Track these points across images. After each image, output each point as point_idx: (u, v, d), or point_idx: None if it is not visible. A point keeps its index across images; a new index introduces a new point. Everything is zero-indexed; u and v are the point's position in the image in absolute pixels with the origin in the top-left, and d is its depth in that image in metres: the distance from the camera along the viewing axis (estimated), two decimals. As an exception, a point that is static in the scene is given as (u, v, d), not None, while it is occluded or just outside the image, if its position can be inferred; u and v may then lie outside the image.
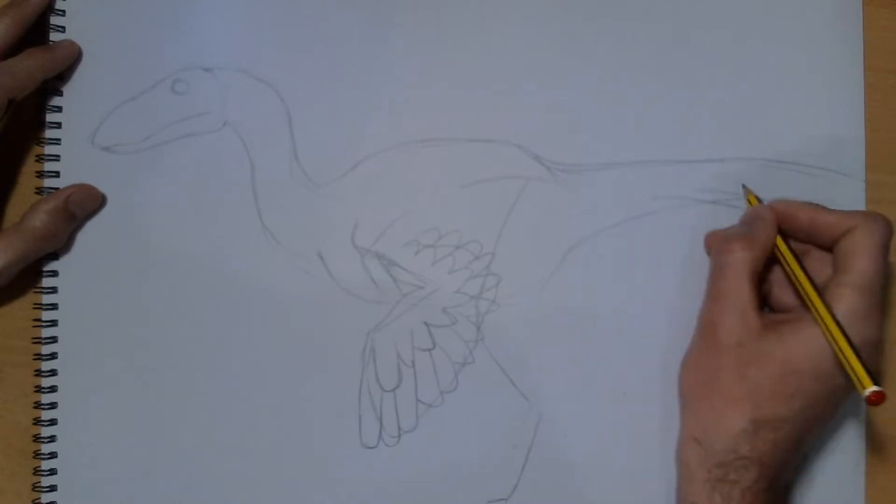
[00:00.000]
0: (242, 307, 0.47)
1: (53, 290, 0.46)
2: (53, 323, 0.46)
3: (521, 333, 0.48)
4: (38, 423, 0.46)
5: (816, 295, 0.42)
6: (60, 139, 0.46)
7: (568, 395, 0.48)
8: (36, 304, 0.46)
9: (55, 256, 0.46)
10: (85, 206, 0.46)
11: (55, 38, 0.46)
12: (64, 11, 0.47)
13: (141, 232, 0.47)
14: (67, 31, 0.47)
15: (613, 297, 0.48)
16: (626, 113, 0.49)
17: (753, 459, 0.41)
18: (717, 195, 0.49)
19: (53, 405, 0.46)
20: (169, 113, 0.47)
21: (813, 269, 0.45)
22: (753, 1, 0.50)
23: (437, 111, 0.49)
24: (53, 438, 0.46)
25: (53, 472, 0.46)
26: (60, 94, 0.47)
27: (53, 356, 0.46)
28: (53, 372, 0.46)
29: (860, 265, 0.42)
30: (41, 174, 0.46)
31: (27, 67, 0.44)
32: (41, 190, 0.46)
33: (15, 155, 0.47)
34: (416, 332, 0.47)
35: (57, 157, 0.46)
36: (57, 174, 0.46)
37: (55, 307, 0.46)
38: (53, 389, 0.46)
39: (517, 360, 0.48)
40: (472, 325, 0.48)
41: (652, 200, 0.49)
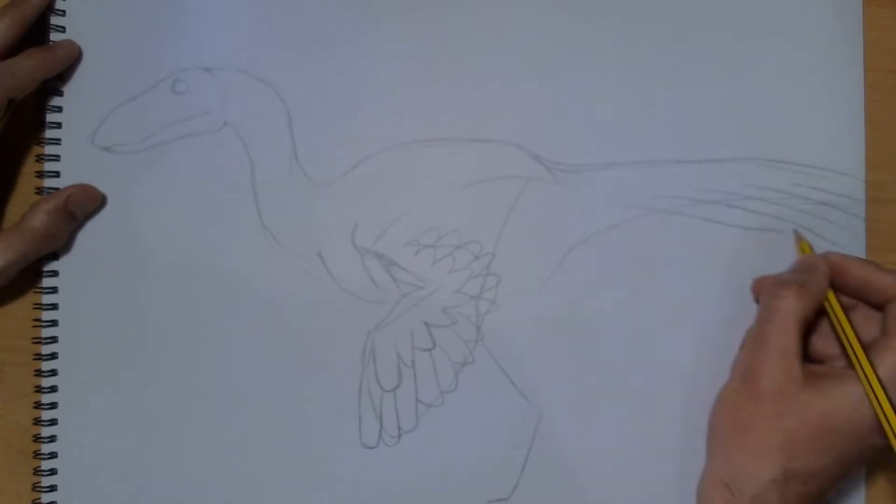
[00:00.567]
0: (242, 307, 0.47)
1: (53, 290, 0.46)
2: (53, 323, 0.46)
3: (521, 333, 0.48)
4: (38, 423, 0.46)
5: (863, 353, 0.42)
6: (60, 139, 0.46)
7: (568, 395, 0.48)
8: (36, 304, 0.46)
9: (55, 256, 0.46)
10: (85, 206, 0.46)
11: (55, 38, 0.46)
12: (64, 11, 0.47)
13: (141, 232, 0.47)
14: (67, 31, 0.46)
15: (613, 296, 0.48)
16: (626, 113, 0.49)
17: None
18: (717, 195, 0.49)
19: (53, 405, 0.46)
20: (169, 113, 0.47)
21: (860, 325, 0.44)
22: (753, 1, 0.50)
23: (437, 111, 0.49)
24: (53, 438, 0.46)
25: (53, 472, 0.46)
26: (60, 94, 0.47)
27: (53, 356, 0.46)
28: (53, 372, 0.46)
29: None
30: (41, 174, 0.46)
31: (27, 67, 0.44)
32: (41, 190, 0.46)
33: (15, 155, 0.47)
34: (416, 332, 0.47)
35: (57, 157, 0.46)
36: (57, 174, 0.46)
37: (55, 307, 0.46)
38: (53, 389, 0.46)
39: (517, 360, 0.48)
40: (472, 325, 0.48)
41: (652, 200, 0.49)
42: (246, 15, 0.48)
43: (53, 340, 0.46)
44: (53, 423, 0.46)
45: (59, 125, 0.46)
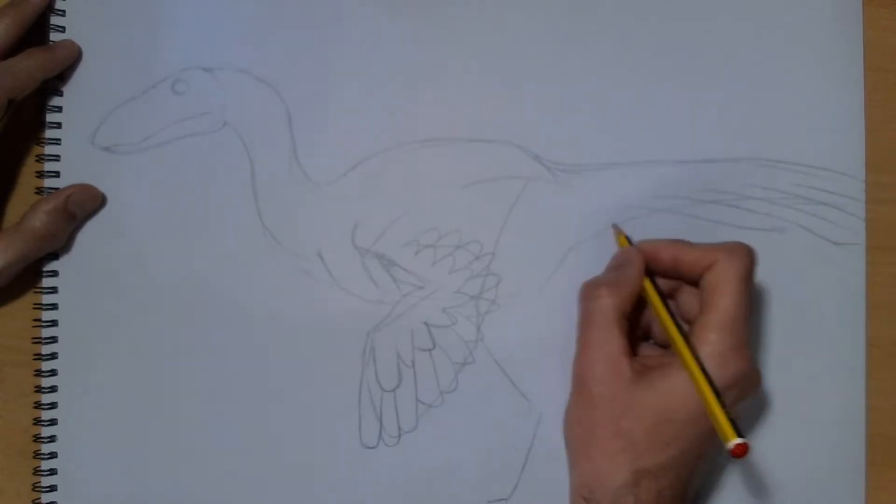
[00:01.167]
0: (242, 307, 0.47)
1: (53, 290, 0.46)
2: (53, 323, 0.46)
3: (521, 333, 0.48)
4: (37, 423, 0.46)
5: (681, 340, 0.42)
6: (60, 139, 0.46)
7: (568, 395, 0.48)
8: (36, 304, 0.46)
9: (55, 256, 0.46)
10: (85, 206, 0.46)
11: (55, 38, 0.46)
12: (64, 11, 0.47)
13: (141, 232, 0.47)
14: (67, 31, 0.46)
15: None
16: (626, 113, 0.49)
17: None
18: (717, 195, 0.49)
19: (53, 405, 0.46)
20: (169, 113, 0.47)
21: (686, 305, 0.44)
22: (753, 1, 0.50)
23: (437, 111, 0.49)
24: (53, 438, 0.46)
25: (53, 472, 0.46)
26: (60, 94, 0.47)
27: (53, 356, 0.46)
28: (53, 372, 0.46)
29: (723, 303, 0.41)
30: (41, 174, 0.46)
31: (27, 67, 0.44)
32: (41, 190, 0.46)
33: (15, 155, 0.47)
34: (416, 332, 0.47)
35: (57, 157, 0.46)
36: (57, 174, 0.46)
37: (55, 307, 0.46)
38: (53, 389, 0.46)
39: (517, 360, 0.48)
40: (472, 325, 0.48)
41: (652, 200, 0.49)
42: (246, 15, 0.48)
43: (53, 340, 0.46)
44: (53, 423, 0.46)
45: (59, 125, 0.46)
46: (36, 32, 0.46)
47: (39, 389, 0.46)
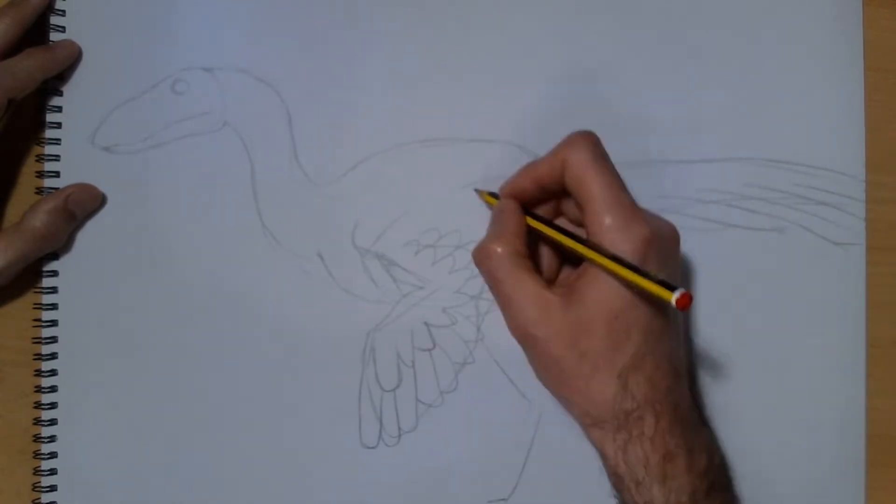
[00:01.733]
0: (242, 307, 0.47)
1: (53, 290, 0.46)
2: (53, 323, 0.46)
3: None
4: (37, 422, 0.46)
5: (578, 244, 0.41)
6: (60, 139, 0.46)
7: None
8: (36, 304, 0.46)
9: (55, 256, 0.46)
10: (85, 205, 0.46)
11: (55, 38, 0.46)
12: (64, 11, 0.46)
13: (141, 232, 0.47)
14: (67, 31, 0.46)
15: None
16: (626, 113, 0.49)
17: (641, 406, 0.41)
18: (717, 195, 0.49)
19: (53, 405, 0.46)
20: (169, 113, 0.47)
21: (573, 214, 0.45)
22: (753, 1, 0.50)
23: (437, 111, 0.49)
24: (53, 438, 0.46)
25: (53, 471, 0.46)
26: (60, 94, 0.46)
27: (53, 356, 0.46)
28: (53, 372, 0.46)
29: (594, 188, 0.41)
30: (41, 174, 0.46)
31: (27, 67, 0.44)
32: (41, 190, 0.46)
33: (15, 155, 0.47)
34: (416, 332, 0.47)
35: (57, 157, 0.46)
36: (57, 174, 0.46)
37: (55, 307, 0.46)
38: (53, 389, 0.46)
39: (517, 360, 0.47)
40: (472, 325, 0.48)
41: (652, 200, 0.49)
42: (246, 15, 0.48)
43: (53, 340, 0.46)
44: (53, 423, 0.46)
45: (59, 125, 0.46)
46: (36, 32, 0.46)
47: (39, 389, 0.46)
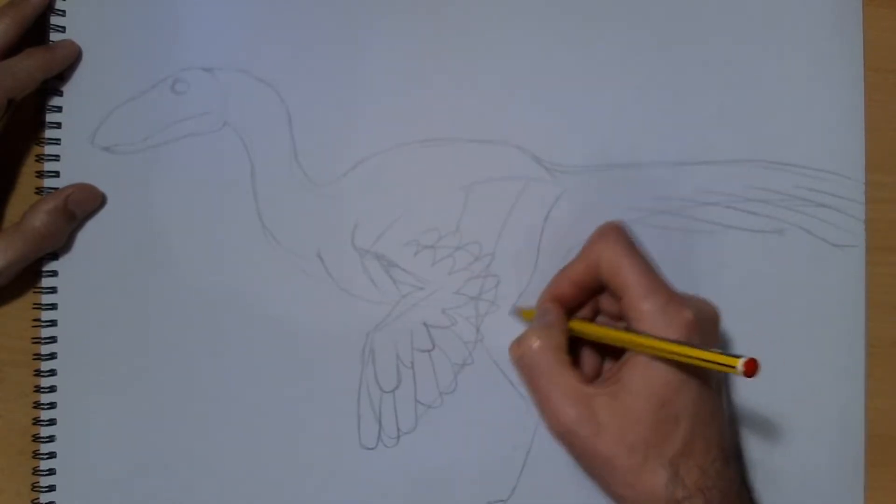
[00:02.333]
0: (241, 307, 0.47)
1: (53, 290, 0.46)
2: (53, 323, 0.46)
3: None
4: (37, 422, 0.46)
5: (622, 332, 0.41)
6: (60, 139, 0.46)
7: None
8: (35, 304, 0.46)
9: (55, 256, 0.46)
10: (85, 205, 0.46)
11: (55, 38, 0.46)
12: (64, 11, 0.46)
13: (140, 232, 0.47)
14: (67, 31, 0.46)
15: (613, 297, 0.48)
16: (626, 115, 0.49)
17: (692, 493, 0.40)
18: (717, 197, 0.49)
19: (53, 405, 0.46)
20: (169, 113, 0.47)
21: (611, 308, 0.45)
22: (753, 2, 0.50)
23: (437, 111, 0.49)
24: (52, 438, 0.46)
25: (52, 471, 0.46)
26: (60, 94, 0.46)
27: (53, 356, 0.46)
28: (53, 372, 0.46)
29: (629, 278, 0.41)
30: (41, 174, 0.46)
31: (27, 67, 0.44)
32: (41, 190, 0.46)
33: (15, 155, 0.47)
34: (415, 332, 0.47)
35: (57, 157, 0.46)
36: (57, 174, 0.46)
37: (54, 307, 0.46)
38: (53, 389, 0.46)
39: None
40: (471, 326, 0.48)
41: (652, 202, 0.49)
42: (246, 15, 0.48)
43: (53, 340, 0.46)
44: (52, 423, 0.46)
45: (58, 125, 0.46)
46: (36, 32, 0.46)
47: (39, 389, 0.46)
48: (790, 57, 0.50)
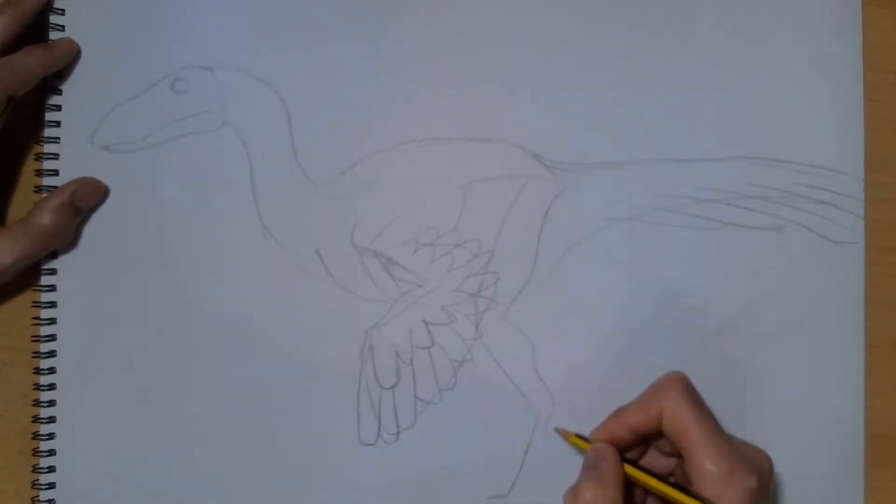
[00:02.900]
0: (241, 306, 0.47)
1: (52, 288, 0.46)
2: (52, 321, 0.46)
3: (519, 332, 0.48)
4: (36, 420, 0.46)
5: (682, 495, 0.40)
6: (60, 138, 0.46)
7: (566, 392, 0.48)
8: (35, 302, 0.46)
9: (54, 255, 0.46)
10: (89, 199, 0.46)
11: (54, 36, 0.46)
12: (63, 10, 0.47)
13: (140, 231, 0.47)
14: (67, 30, 0.47)
15: (612, 296, 0.48)
16: (626, 112, 0.49)
17: None
18: (716, 194, 0.49)
19: (52, 403, 0.46)
20: (168, 112, 0.47)
21: (664, 448, 0.44)
22: (754, 2, 0.50)
23: (437, 111, 0.49)
24: (52, 436, 0.46)
25: (52, 469, 0.46)
26: (60, 93, 0.47)
27: (52, 354, 0.46)
28: (52, 370, 0.46)
29: (691, 440, 0.40)
30: (40, 173, 0.46)
31: (26, 64, 0.44)
32: (41, 188, 0.46)
33: (15, 154, 0.47)
34: (414, 330, 0.47)
35: (56, 155, 0.46)
36: (56, 173, 0.46)
37: (54, 305, 0.46)
38: (52, 387, 0.46)
39: (515, 357, 0.48)
40: (470, 323, 0.48)
41: (651, 199, 0.49)
42: (246, 15, 0.48)
43: (52, 339, 0.46)
44: (52, 421, 0.46)
45: (58, 124, 0.46)
46: (35, 31, 0.46)
47: (38, 387, 0.46)
48: (790, 56, 0.50)
